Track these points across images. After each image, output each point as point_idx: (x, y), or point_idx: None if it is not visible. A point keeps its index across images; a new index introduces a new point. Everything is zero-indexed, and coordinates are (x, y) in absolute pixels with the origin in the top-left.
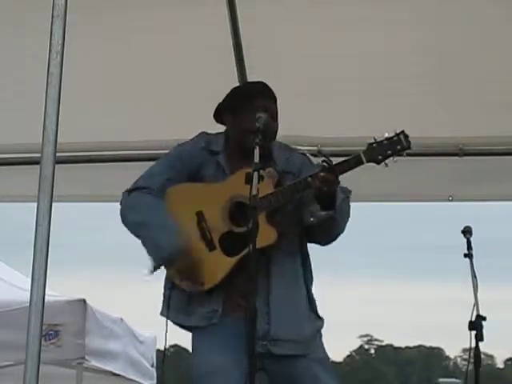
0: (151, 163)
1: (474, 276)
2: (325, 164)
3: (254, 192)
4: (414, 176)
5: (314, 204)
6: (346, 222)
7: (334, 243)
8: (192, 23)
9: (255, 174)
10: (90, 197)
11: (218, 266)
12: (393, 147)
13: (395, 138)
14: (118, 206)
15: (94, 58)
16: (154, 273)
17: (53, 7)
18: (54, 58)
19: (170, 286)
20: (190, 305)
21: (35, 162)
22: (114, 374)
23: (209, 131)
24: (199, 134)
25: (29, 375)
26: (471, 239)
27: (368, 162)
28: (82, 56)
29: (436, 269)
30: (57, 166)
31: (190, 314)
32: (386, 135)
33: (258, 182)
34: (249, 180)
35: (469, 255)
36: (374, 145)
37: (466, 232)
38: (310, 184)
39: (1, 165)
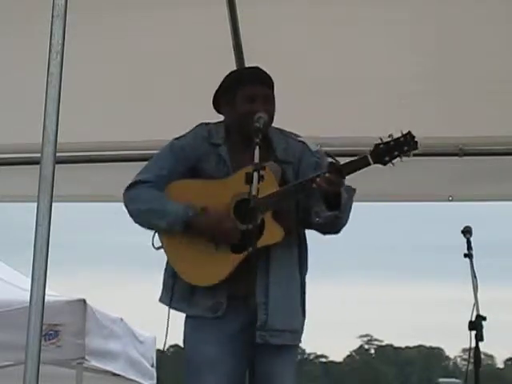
0: None
1: (473, 276)
2: (331, 164)
3: (254, 192)
4: (414, 176)
5: (319, 203)
6: (348, 217)
7: (333, 244)
8: (192, 23)
9: (255, 174)
10: (90, 197)
11: (224, 262)
12: (400, 148)
13: (402, 139)
14: (118, 205)
15: (94, 58)
16: (159, 249)
17: (53, 7)
18: (53, 57)
19: (172, 273)
20: (193, 296)
21: (35, 162)
22: (114, 374)
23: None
24: (198, 124)
25: (29, 375)
26: (471, 239)
27: (375, 163)
28: (82, 56)
29: (436, 269)
30: (57, 166)
31: (194, 305)
32: (393, 136)
33: (259, 182)
34: (249, 180)
35: (469, 255)
36: (381, 146)
37: (466, 232)
38: (317, 185)
39: (1, 165)
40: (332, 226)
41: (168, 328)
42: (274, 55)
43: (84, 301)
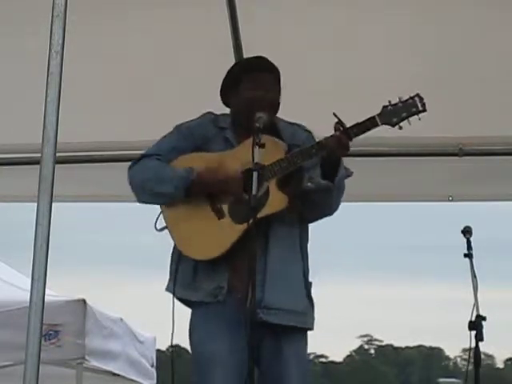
0: None
1: (473, 276)
2: (338, 125)
3: (254, 192)
4: (414, 176)
5: (316, 170)
6: (338, 202)
7: (333, 243)
8: (192, 23)
9: (255, 174)
10: (90, 197)
11: (226, 233)
12: (408, 109)
13: (410, 101)
14: (118, 205)
15: (93, 57)
16: (163, 230)
17: (53, 7)
18: (53, 57)
19: (176, 259)
20: (195, 279)
21: (35, 161)
22: (114, 374)
23: None
24: (205, 112)
25: (29, 375)
26: (471, 239)
27: (383, 124)
28: (82, 56)
29: (436, 269)
30: (57, 166)
31: (196, 289)
32: (401, 98)
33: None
34: (249, 176)
35: (469, 255)
36: (390, 107)
37: (466, 232)
38: (324, 144)
39: (1, 165)
40: (320, 204)
41: (174, 319)
42: (274, 55)
43: (84, 301)
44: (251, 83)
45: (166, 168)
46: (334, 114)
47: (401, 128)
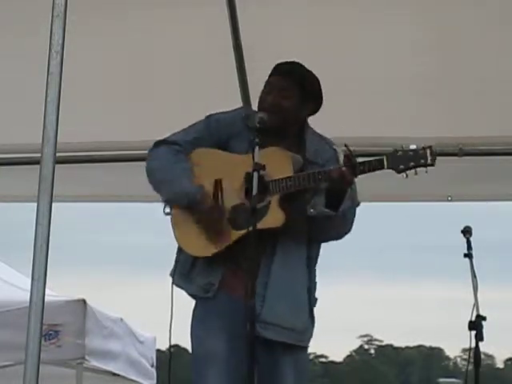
0: None
1: (473, 276)
2: (347, 158)
3: (255, 192)
4: (414, 176)
5: (320, 198)
6: (345, 232)
7: (333, 243)
8: (192, 23)
9: (255, 174)
10: (89, 197)
11: (222, 237)
12: (416, 160)
13: (421, 152)
14: (118, 205)
15: (94, 58)
16: (170, 215)
17: (53, 7)
18: (54, 57)
19: (179, 247)
20: (190, 272)
21: (35, 161)
22: (114, 374)
23: None
24: (240, 107)
25: (29, 375)
26: (471, 239)
27: (388, 168)
28: (82, 56)
29: (436, 269)
30: (57, 165)
31: (191, 281)
32: (413, 147)
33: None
34: (248, 180)
35: (469, 255)
36: (399, 152)
37: (466, 232)
38: (328, 174)
39: (1, 165)
40: (324, 231)
41: (172, 315)
42: (274, 55)
43: (84, 301)
44: (265, 87)
45: (180, 172)
46: (346, 146)
47: (406, 176)
